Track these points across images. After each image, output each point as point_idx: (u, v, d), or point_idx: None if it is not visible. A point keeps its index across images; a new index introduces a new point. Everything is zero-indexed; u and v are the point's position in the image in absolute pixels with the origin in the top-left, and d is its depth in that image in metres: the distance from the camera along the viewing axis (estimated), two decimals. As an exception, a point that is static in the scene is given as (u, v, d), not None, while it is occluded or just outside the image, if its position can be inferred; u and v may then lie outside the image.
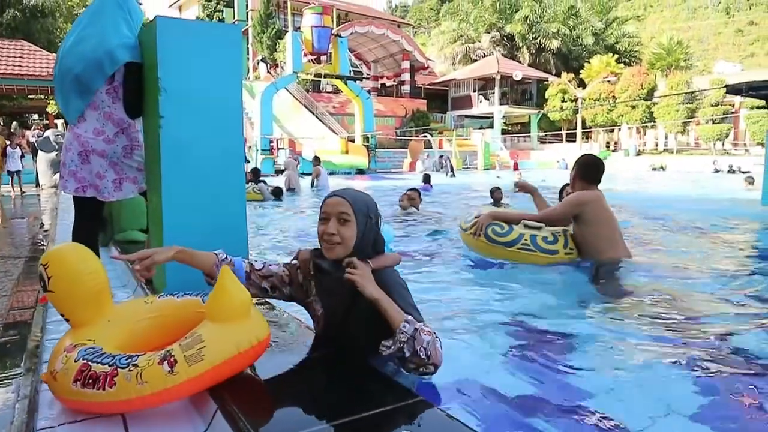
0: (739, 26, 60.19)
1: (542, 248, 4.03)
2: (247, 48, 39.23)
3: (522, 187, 4.64)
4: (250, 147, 22.84)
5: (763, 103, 9.82)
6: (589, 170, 4.04)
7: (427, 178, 13.38)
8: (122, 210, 4.89)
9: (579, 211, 3.96)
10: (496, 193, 8.49)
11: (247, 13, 39.83)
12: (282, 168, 12.84)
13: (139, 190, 2.97)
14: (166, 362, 1.54)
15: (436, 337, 1.76)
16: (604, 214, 3.95)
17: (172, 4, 47.20)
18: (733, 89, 10.20)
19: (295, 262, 2.12)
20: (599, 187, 4.06)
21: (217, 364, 1.60)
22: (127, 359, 1.58)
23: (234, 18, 40.34)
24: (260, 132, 23.94)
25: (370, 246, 1.94)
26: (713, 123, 30.29)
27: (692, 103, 31.05)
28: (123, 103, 2.83)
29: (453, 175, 21.17)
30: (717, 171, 22.66)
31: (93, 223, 3.01)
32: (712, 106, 30.16)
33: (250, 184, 10.65)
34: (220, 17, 41.35)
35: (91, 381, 1.54)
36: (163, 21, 2.59)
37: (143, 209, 3.40)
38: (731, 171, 15.91)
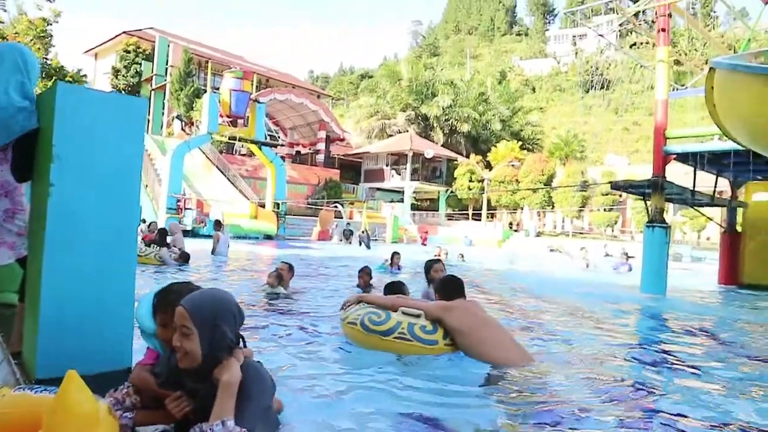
0: (626, 125, 66.89)
1: (420, 338, 3.83)
2: (163, 103, 38.55)
3: None
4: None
5: (641, 198, 10.92)
6: (449, 290, 4.16)
7: (393, 259, 11.13)
8: (-1, 270, 4.55)
9: (443, 317, 3.89)
10: (363, 277, 7.42)
11: (166, 68, 39.33)
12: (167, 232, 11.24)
13: (17, 256, 2.81)
14: None
15: None
16: (474, 319, 3.88)
17: (86, 51, 45.74)
18: (616, 186, 11.36)
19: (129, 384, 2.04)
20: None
21: None
22: None
23: (152, 72, 39.74)
24: (168, 190, 23.18)
25: (224, 351, 1.89)
26: (605, 210, 32.95)
27: (586, 191, 33.75)
28: (11, 166, 2.71)
29: (369, 248, 21.37)
30: (607, 255, 24.34)
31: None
32: (603, 195, 32.92)
33: (153, 246, 10.17)
34: (138, 69, 40.52)
35: None
36: (63, 88, 2.55)
37: (21, 271, 3.18)
38: (629, 258, 17.02)
